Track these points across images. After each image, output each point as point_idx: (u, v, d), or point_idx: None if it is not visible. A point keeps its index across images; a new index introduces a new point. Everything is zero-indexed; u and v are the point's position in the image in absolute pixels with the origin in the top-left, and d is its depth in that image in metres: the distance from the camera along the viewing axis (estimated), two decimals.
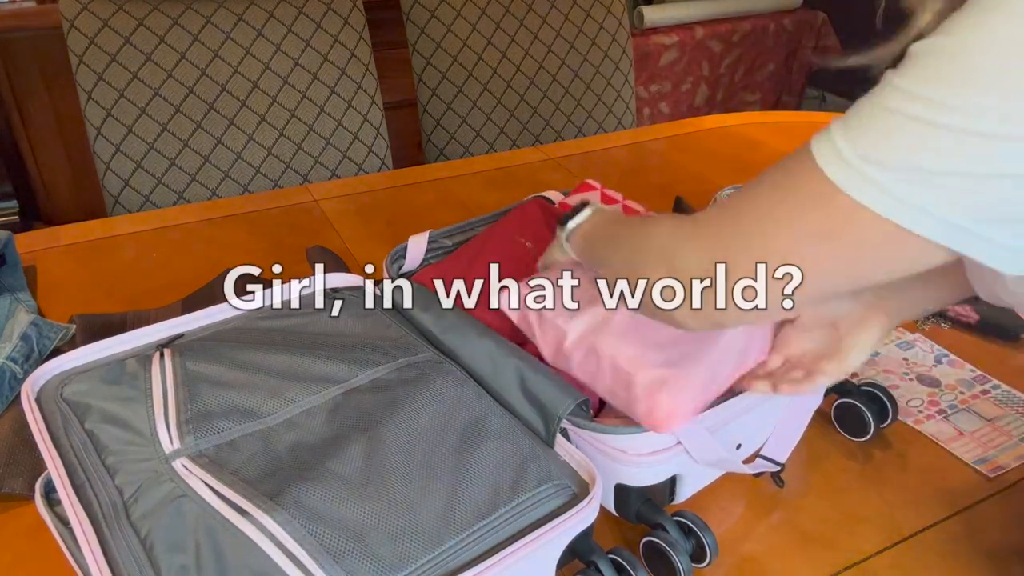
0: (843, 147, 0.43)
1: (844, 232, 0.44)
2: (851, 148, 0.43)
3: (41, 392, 0.66)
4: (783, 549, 0.69)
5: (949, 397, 0.87)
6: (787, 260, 0.47)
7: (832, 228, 0.44)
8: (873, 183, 0.42)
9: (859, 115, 0.44)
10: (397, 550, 0.53)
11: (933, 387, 0.89)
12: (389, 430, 0.62)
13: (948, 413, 0.85)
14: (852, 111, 0.44)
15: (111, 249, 1.12)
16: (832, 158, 0.44)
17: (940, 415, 0.85)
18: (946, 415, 0.85)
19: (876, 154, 0.42)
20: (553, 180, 1.35)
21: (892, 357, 0.93)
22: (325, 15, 1.43)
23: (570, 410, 0.64)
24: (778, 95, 3.20)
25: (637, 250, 0.56)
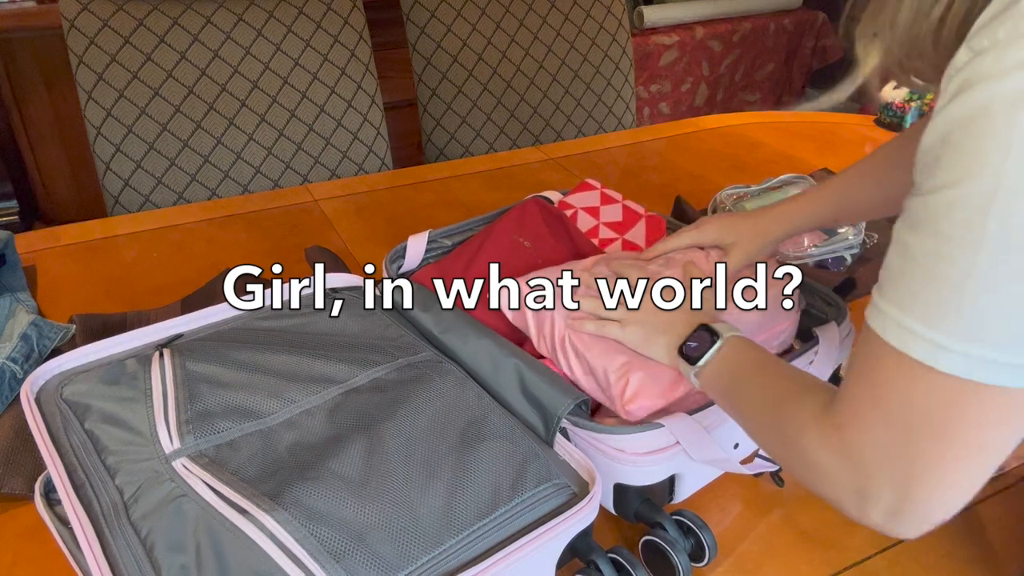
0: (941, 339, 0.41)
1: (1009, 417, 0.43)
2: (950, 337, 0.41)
3: (41, 392, 0.66)
4: (783, 549, 0.69)
5: None
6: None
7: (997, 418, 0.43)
8: (995, 364, 0.40)
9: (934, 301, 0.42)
10: (397, 549, 0.52)
11: None
12: (389, 430, 0.62)
13: None
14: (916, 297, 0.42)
15: (111, 249, 1.12)
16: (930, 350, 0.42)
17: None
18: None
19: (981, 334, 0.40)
20: (553, 180, 1.35)
21: None
22: (325, 15, 1.43)
23: (569, 409, 0.64)
24: (778, 95, 3.20)
25: (790, 451, 0.52)
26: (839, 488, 0.48)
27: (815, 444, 0.49)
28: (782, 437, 0.53)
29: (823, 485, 0.49)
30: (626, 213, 0.97)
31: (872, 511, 0.46)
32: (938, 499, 0.44)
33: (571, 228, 0.93)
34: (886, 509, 0.46)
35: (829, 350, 0.73)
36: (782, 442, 0.53)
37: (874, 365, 0.45)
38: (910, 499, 0.45)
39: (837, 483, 0.48)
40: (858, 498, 0.47)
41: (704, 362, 0.63)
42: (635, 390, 0.66)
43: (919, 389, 0.43)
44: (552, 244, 0.91)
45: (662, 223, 0.96)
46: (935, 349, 0.41)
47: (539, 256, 0.89)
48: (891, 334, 0.43)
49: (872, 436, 0.45)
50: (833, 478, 0.48)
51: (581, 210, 0.98)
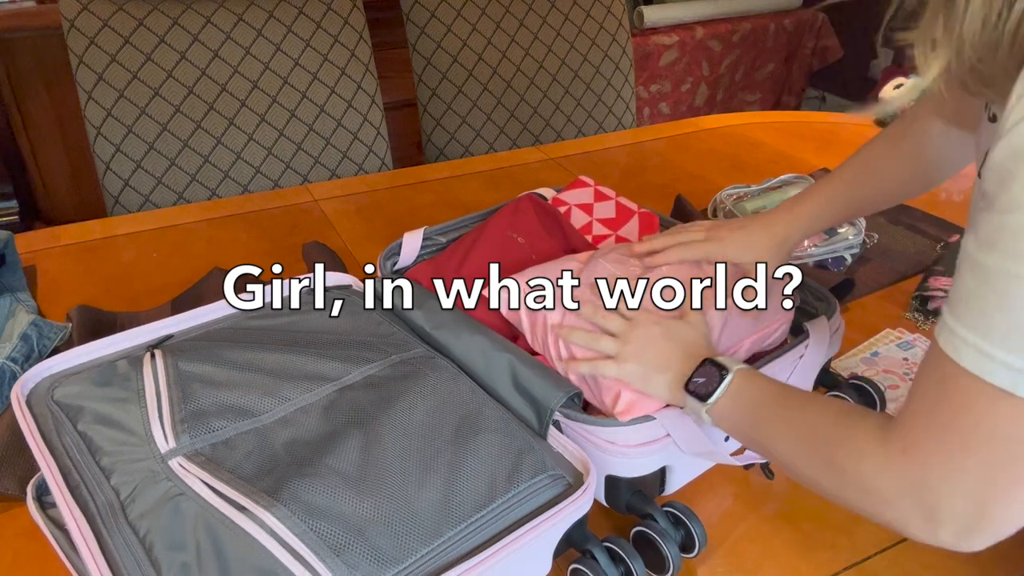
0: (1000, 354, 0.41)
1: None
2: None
3: (31, 395, 0.66)
4: (782, 549, 0.69)
5: None
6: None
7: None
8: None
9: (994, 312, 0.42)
10: (397, 542, 0.53)
11: None
12: (385, 425, 0.62)
13: None
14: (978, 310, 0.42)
15: (111, 249, 1.12)
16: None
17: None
18: None
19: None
20: (553, 180, 1.35)
21: (892, 357, 0.93)
22: (325, 15, 1.43)
23: (562, 402, 0.65)
24: (778, 95, 3.20)
25: (842, 473, 0.51)
26: (904, 512, 0.47)
27: (876, 469, 0.48)
28: (829, 465, 0.52)
29: (885, 510, 0.49)
30: (619, 210, 0.97)
31: (942, 532, 0.46)
32: (1013, 516, 0.45)
33: (565, 225, 0.94)
34: (958, 529, 0.46)
35: (819, 344, 0.74)
36: (829, 470, 0.52)
37: (947, 388, 0.44)
38: (986, 519, 0.45)
39: (901, 507, 0.47)
40: (925, 520, 0.46)
41: (716, 398, 0.62)
42: (627, 405, 0.66)
43: (998, 414, 0.42)
44: (546, 240, 0.91)
45: (655, 220, 0.96)
46: (1016, 375, 0.41)
47: (533, 252, 0.89)
48: (967, 359, 0.43)
49: (945, 459, 0.45)
50: (897, 502, 0.47)
51: (575, 207, 0.98)
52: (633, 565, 0.61)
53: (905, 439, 0.47)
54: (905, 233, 1.16)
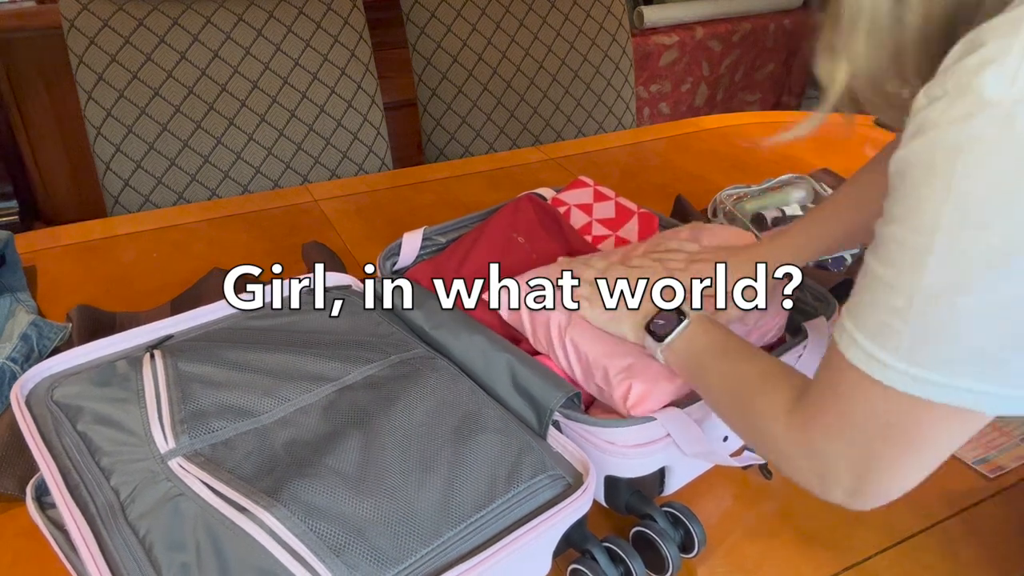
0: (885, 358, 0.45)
1: (923, 432, 0.47)
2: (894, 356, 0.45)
3: (31, 395, 0.66)
4: (783, 549, 0.69)
5: None
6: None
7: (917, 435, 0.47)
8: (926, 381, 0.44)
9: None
10: (397, 542, 0.53)
11: None
12: (384, 425, 0.62)
13: None
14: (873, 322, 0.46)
15: (111, 249, 1.12)
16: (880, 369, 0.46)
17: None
18: None
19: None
20: (553, 180, 1.35)
21: None
22: (325, 15, 1.43)
23: (561, 403, 0.65)
24: (778, 95, 3.20)
25: (760, 432, 0.56)
26: (803, 473, 0.53)
27: (782, 436, 0.54)
28: (746, 420, 0.58)
29: (788, 469, 0.54)
30: (619, 210, 0.97)
31: (832, 492, 0.52)
32: (891, 487, 0.50)
33: (564, 225, 0.94)
34: (846, 493, 0.51)
35: (817, 345, 0.74)
36: (746, 424, 0.58)
37: (833, 373, 0.49)
38: (867, 485, 0.50)
39: (801, 468, 0.53)
40: (820, 482, 0.52)
41: (671, 340, 0.66)
42: (638, 397, 0.66)
43: (868, 399, 0.47)
44: (546, 241, 0.91)
45: (654, 220, 0.96)
46: (881, 366, 0.45)
47: (533, 252, 0.89)
48: (844, 346, 0.47)
49: (830, 435, 0.50)
50: (797, 464, 0.53)
51: (574, 207, 0.98)
52: (633, 565, 0.61)
53: (805, 412, 0.52)
54: None
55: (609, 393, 0.68)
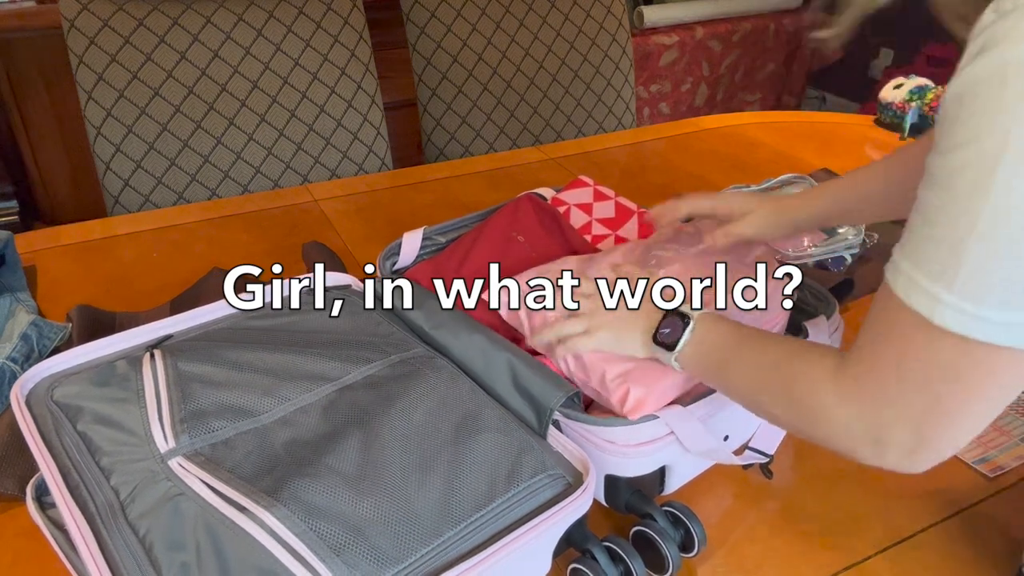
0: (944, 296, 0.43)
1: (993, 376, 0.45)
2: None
3: (31, 395, 0.66)
4: (783, 549, 0.69)
5: None
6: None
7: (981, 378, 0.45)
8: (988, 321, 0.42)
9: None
10: (397, 542, 0.53)
11: None
12: (384, 425, 0.62)
13: None
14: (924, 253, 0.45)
15: (111, 249, 1.12)
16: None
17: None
18: None
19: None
20: (553, 180, 1.35)
21: None
22: (325, 15, 1.43)
23: (561, 402, 0.65)
24: (778, 95, 3.20)
25: (800, 405, 0.55)
26: (854, 437, 0.50)
27: (831, 398, 0.51)
28: (789, 397, 0.55)
29: (837, 437, 0.52)
30: (619, 210, 0.97)
31: (888, 454, 0.49)
32: (949, 440, 0.48)
33: (564, 224, 0.94)
34: (901, 451, 0.49)
35: None
36: (789, 402, 0.55)
37: (886, 316, 0.47)
38: (925, 444, 0.48)
39: (852, 433, 0.50)
40: (874, 444, 0.50)
41: (682, 345, 0.64)
42: (636, 401, 0.66)
43: (929, 342, 0.45)
44: (546, 240, 0.91)
45: None
46: (934, 303, 0.43)
47: (533, 251, 0.89)
48: (899, 286, 0.45)
49: (887, 385, 0.48)
50: (848, 429, 0.51)
51: (574, 207, 0.98)
52: (633, 565, 0.61)
53: (855, 371, 0.50)
54: None
55: (607, 397, 0.68)
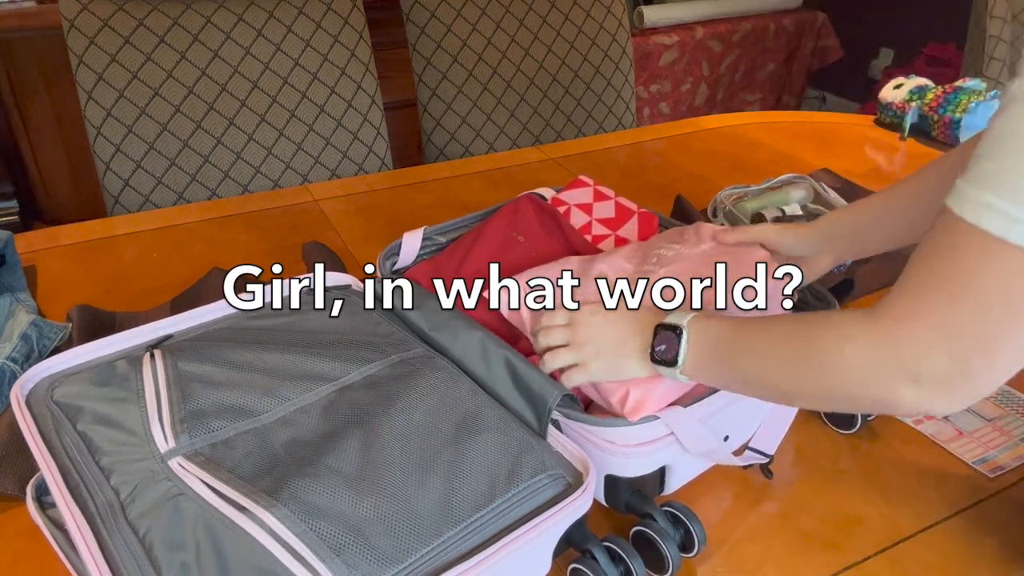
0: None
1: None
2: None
3: (31, 395, 0.66)
4: (783, 549, 0.69)
5: None
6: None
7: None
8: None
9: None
10: (396, 542, 0.53)
11: None
12: (384, 425, 0.62)
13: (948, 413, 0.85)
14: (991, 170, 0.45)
15: (111, 249, 1.12)
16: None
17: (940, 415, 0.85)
18: (946, 415, 0.85)
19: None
20: (553, 180, 1.35)
21: None
22: (325, 15, 1.43)
23: (559, 400, 0.65)
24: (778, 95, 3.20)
25: (828, 368, 0.54)
26: (888, 382, 0.50)
27: (860, 347, 0.51)
28: (810, 363, 0.55)
29: (870, 387, 0.51)
30: (619, 210, 0.97)
31: (925, 395, 0.49)
32: (994, 372, 0.47)
33: (564, 224, 0.94)
34: (941, 388, 0.48)
35: None
36: (810, 368, 0.55)
37: (946, 245, 0.47)
38: (969, 374, 0.47)
39: (886, 378, 0.50)
40: (910, 384, 0.49)
41: (683, 358, 0.63)
42: (636, 402, 0.66)
43: (990, 262, 0.45)
44: (545, 240, 0.91)
45: (654, 220, 0.96)
46: (1010, 222, 0.43)
47: (533, 251, 0.89)
48: (967, 210, 0.46)
49: (934, 317, 0.48)
50: (881, 374, 0.50)
51: (574, 207, 0.98)
52: (633, 565, 0.61)
53: (894, 308, 0.50)
54: None
55: (606, 399, 0.68)
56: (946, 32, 2.92)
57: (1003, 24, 1.76)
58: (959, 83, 1.50)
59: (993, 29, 1.76)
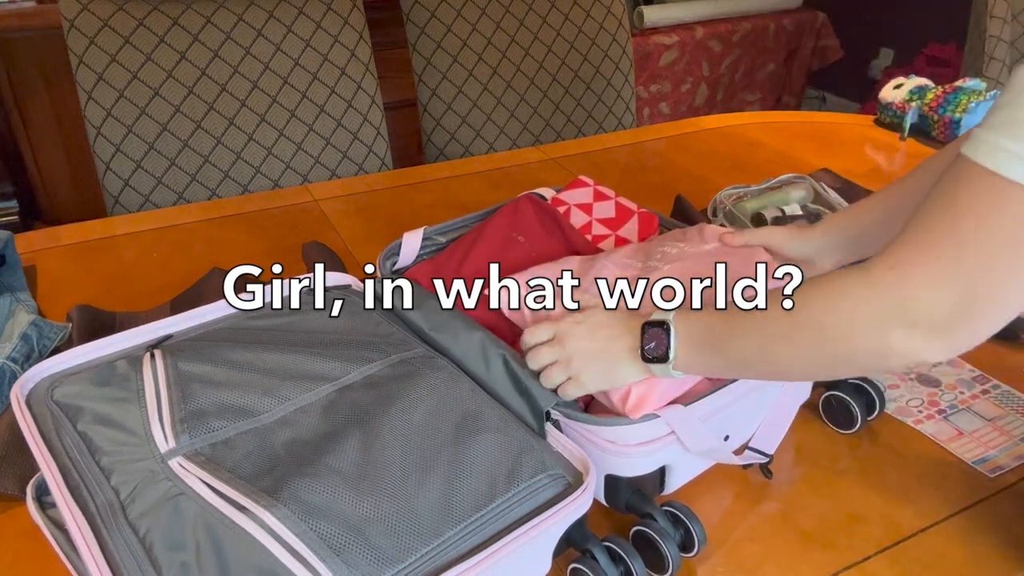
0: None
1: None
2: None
3: (31, 395, 0.66)
4: (783, 549, 0.69)
5: (949, 397, 0.87)
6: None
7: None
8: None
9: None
10: (396, 542, 0.53)
11: (933, 387, 0.89)
12: (384, 425, 0.62)
13: (948, 413, 0.85)
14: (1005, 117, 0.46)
15: (111, 249, 1.12)
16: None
17: (940, 415, 0.85)
18: (946, 415, 0.85)
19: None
20: (553, 180, 1.35)
21: None
22: (325, 15, 1.43)
23: (558, 400, 0.65)
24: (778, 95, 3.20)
25: (821, 328, 0.55)
26: (883, 329, 0.50)
27: (857, 301, 0.51)
28: (807, 327, 0.55)
29: (864, 339, 0.52)
30: (619, 210, 0.97)
31: (921, 340, 0.49)
32: (994, 315, 0.48)
33: (564, 224, 0.94)
34: (937, 332, 0.49)
35: None
36: (807, 332, 0.55)
37: (955, 190, 0.48)
38: (970, 316, 0.48)
39: (880, 325, 0.50)
40: (906, 330, 0.50)
41: (674, 352, 0.63)
42: (638, 399, 0.66)
43: (1006, 204, 0.46)
44: (545, 240, 0.91)
45: (654, 220, 0.96)
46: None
47: (533, 250, 0.89)
48: (983, 154, 0.46)
49: (939, 261, 0.48)
50: (877, 322, 0.51)
51: (574, 207, 0.98)
52: (633, 564, 0.61)
53: (895, 256, 0.50)
54: None
55: (608, 397, 0.68)
56: (946, 32, 2.92)
57: (1003, 24, 1.76)
58: (959, 83, 1.50)
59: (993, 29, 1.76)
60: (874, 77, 3.35)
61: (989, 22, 1.76)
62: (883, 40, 3.35)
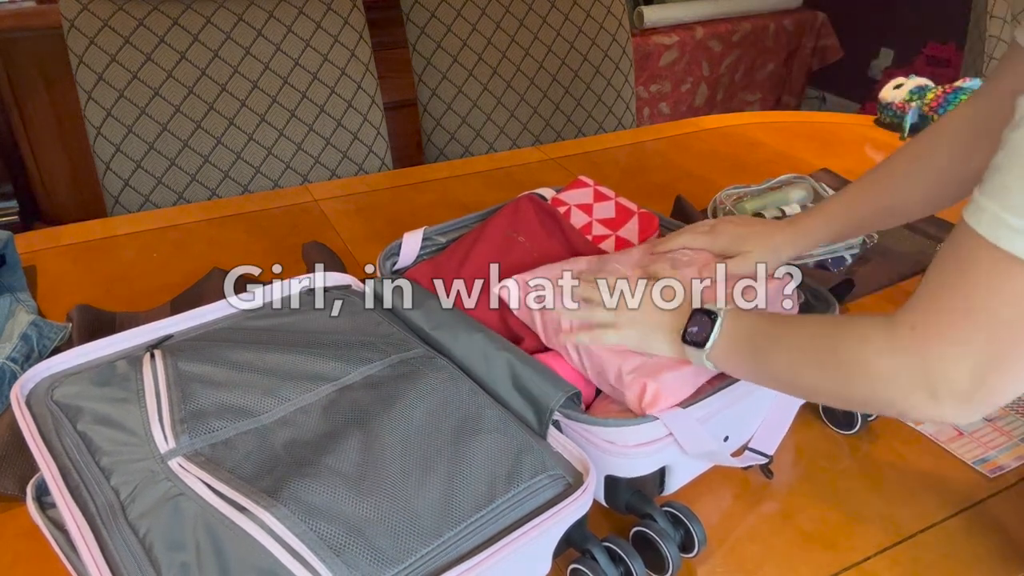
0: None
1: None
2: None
3: (31, 395, 0.66)
4: (783, 549, 0.69)
5: None
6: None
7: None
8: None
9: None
10: (396, 542, 0.53)
11: None
12: (384, 425, 0.62)
13: None
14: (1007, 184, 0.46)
15: (111, 249, 1.12)
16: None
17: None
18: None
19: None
20: (553, 180, 1.35)
21: None
22: (325, 15, 1.43)
23: (561, 402, 0.65)
24: (778, 95, 3.20)
25: (848, 368, 0.55)
26: (905, 389, 0.51)
27: (881, 351, 0.52)
28: (833, 363, 0.56)
29: (887, 391, 0.52)
30: (619, 210, 0.97)
31: (943, 404, 0.50)
32: (1008, 387, 0.48)
33: (564, 225, 0.94)
34: (958, 399, 0.49)
35: None
36: (833, 368, 0.56)
37: (963, 259, 0.48)
38: (985, 388, 0.48)
39: (903, 384, 0.51)
40: (928, 394, 0.50)
41: (713, 341, 0.64)
42: (654, 395, 0.66)
43: (1007, 280, 0.45)
44: (545, 240, 0.91)
45: (654, 220, 0.96)
46: (1022, 239, 0.44)
47: (533, 251, 0.89)
48: (984, 226, 0.46)
49: (952, 330, 0.48)
50: (900, 380, 0.51)
51: (574, 207, 0.98)
52: (633, 565, 0.61)
53: (914, 316, 0.50)
54: (905, 233, 1.16)
55: (622, 392, 0.68)
56: (946, 32, 2.92)
57: (1003, 24, 1.76)
58: (959, 83, 1.50)
59: (993, 29, 1.76)
60: (874, 77, 3.35)
61: (989, 22, 1.76)
62: (883, 40, 3.35)
